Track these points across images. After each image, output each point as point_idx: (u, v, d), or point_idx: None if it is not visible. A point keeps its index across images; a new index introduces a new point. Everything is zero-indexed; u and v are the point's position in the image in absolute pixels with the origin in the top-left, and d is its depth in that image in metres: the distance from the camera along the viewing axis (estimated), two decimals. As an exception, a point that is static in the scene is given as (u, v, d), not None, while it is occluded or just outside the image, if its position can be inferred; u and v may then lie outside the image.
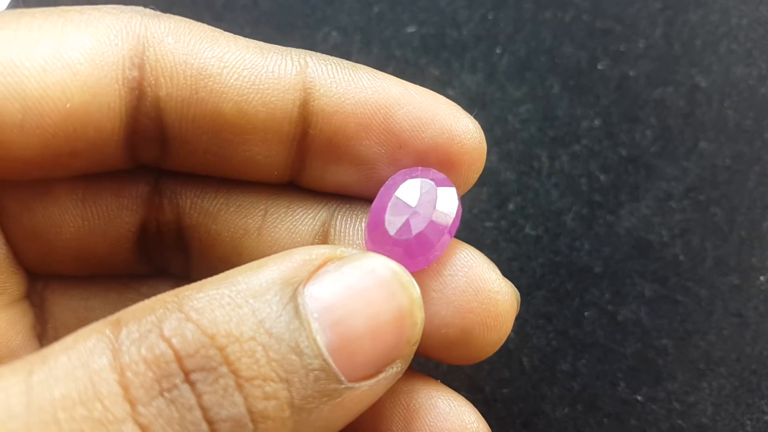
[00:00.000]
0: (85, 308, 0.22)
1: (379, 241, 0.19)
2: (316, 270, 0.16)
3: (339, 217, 0.21)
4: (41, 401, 0.13)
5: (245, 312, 0.15)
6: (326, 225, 0.21)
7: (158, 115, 0.19)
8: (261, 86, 0.19)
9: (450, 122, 0.20)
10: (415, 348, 0.17)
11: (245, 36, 0.20)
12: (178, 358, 0.14)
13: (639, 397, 0.29)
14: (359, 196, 0.21)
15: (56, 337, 0.22)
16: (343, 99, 0.20)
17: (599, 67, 0.33)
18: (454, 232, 0.19)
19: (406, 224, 0.19)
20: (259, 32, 0.34)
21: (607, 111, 0.33)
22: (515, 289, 0.20)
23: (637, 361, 0.29)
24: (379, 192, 0.19)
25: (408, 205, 0.19)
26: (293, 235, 0.21)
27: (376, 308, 0.16)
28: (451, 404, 0.20)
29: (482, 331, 0.20)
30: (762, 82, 0.33)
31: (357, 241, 0.21)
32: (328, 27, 0.34)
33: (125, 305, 0.23)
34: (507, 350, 0.29)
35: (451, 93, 0.33)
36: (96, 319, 0.22)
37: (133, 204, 0.21)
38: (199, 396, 0.14)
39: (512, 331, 0.29)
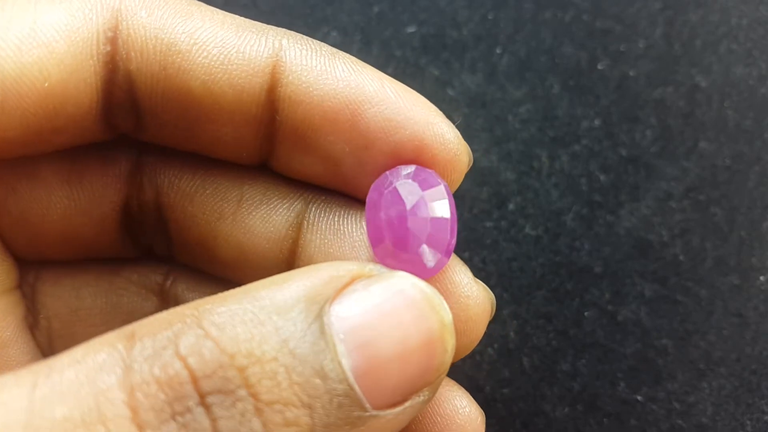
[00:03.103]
0: (76, 297, 0.22)
1: (387, 254, 0.18)
2: (342, 288, 0.15)
3: (313, 209, 0.21)
4: (40, 421, 0.13)
5: (268, 330, 0.14)
6: (300, 216, 0.21)
7: (130, 88, 0.19)
8: (229, 66, 0.19)
9: (423, 128, 0.19)
10: (443, 376, 0.16)
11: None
12: (194, 379, 0.13)
13: (639, 397, 0.29)
14: (330, 188, 0.21)
15: (48, 329, 0.22)
16: (311, 88, 0.19)
17: (599, 67, 0.33)
18: (455, 234, 0.19)
19: (413, 235, 0.18)
20: (259, 32, 0.34)
21: (607, 111, 0.33)
22: (489, 291, 0.20)
23: (637, 361, 0.29)
24: (370, 199, 0.19)
25: (415, 214, 0.18)
26: (267, 224, 0.21)
27: (405, 331, 0.15)
28: (442, 389, 0.20)
29: None
30: (762, 82, 0.33)
31: (328, 235, 0.20)
32: (328, 27, 0.34)
33: (116, 294, 0.23)
34: (507, 350, 0.29)
35: (451, 93, 0.33)
36: (87, 308, 0.22)
37: (116, 182, 0.21)
38: (214, 421, 0.13)
39: (512, 330, 0.30)
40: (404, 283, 0.16)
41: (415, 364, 0.15)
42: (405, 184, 0.18)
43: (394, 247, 0.18)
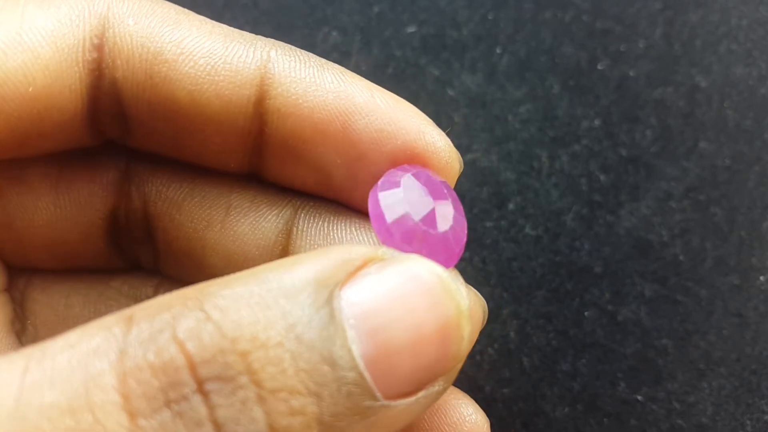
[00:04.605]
0: (65, 306, 0.22)
1: (414, 235, 0.17)
2: (355, 272, 0.14)
3: (302, 215, 0.21)
4: (28, 408, 0.12)
5: (275, 314, 0.13)
6: (290, 223, 0.21)
7: (117, 95, 0.19)
8: (216, 77, 0.19)
9: (415, 137, 0.19)
10: (460, 365, 0.16)
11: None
12: (191, 365, 0.13)
13: (639, 397, 0.29)
14: (321, 196, 0.21)
15: (35, 335, 0.22)
16: (300, 100, 0.19)
17: (599, 67, 0.33)
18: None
19: (439, 217, 0.17)
20: (259, 32, 0.34)
21: (607, 111, 0.33)
22: (482, 298, 0.19)
23: (637, 361, 0.29)
24: (386, 181, 0.18)
25: (429, 199, 0.17)
26: (256, 231, 0.21)
27: (419, 318, 0.14)
28: (448, 397, 0.20)
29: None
30: (762, 82, 0.33)
31: (318, 242, 0.20)
32: (328, 27, 0.34)
33: (105, 304, 0.22)
34: (507, 350, 0.29)
35: (451, 93, 0.33)
36: (75, 317, 0.22)
37: (103, 191, 0.21)
38: (212, 409, 0.13)
39: (512, 330, 0.30)
40: (419, 267, 0.15)
41: (429, 352, 0.15)
42: (425, 174, 0.18)
43: (425, 226, 0.17)
